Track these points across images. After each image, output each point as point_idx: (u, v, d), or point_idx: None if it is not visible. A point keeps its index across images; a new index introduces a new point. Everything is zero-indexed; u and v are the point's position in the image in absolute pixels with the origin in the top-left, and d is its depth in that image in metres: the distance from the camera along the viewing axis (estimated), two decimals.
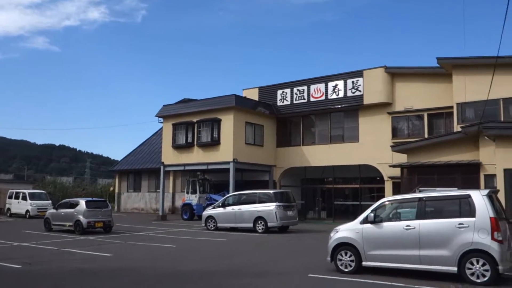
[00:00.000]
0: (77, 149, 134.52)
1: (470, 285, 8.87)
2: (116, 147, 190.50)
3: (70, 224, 20.90)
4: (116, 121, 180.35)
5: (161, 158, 31.87)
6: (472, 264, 9.01)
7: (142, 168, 39.23)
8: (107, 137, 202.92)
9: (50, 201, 33.27)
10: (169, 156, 30.78)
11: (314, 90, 29.40)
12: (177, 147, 30.30)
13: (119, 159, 44.48)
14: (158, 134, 41.38)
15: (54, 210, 22.52)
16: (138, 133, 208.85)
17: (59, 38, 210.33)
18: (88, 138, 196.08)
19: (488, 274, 8.88)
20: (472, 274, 9.01)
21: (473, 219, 9.06)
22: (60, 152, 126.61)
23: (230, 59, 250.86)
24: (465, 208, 9.27)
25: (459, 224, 9.13)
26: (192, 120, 29.74)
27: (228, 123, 28.03)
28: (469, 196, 9.33)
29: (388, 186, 25.84)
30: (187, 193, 30.71)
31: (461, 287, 8.71)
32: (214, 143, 28.33)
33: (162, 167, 31.16)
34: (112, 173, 47.50)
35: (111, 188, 47.03)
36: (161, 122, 32.33)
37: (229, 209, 22.05)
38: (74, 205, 21.31)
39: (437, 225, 9.36)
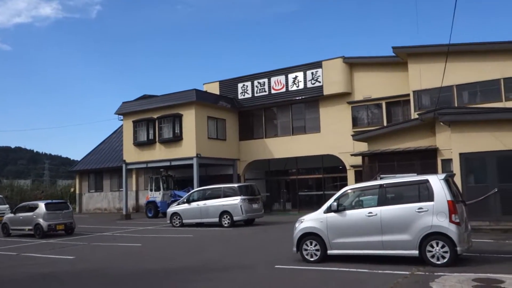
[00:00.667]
0: (34, 151, 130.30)
1: (431, 267, 9.14)
2: (76, 147, 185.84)
3: (30, 228, 20.31)
4: (74, 121, 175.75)
5: (122, 156, 31.33)
6: (432, 246, 9.30)
7: (103, 167, 38.45)
8: (65, 137, 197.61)
9: (7, 205, 32.05)
10: (131, 154, 30.29)
11: (275, 82, 29.55)
12: (138, 144, 29.85)
13: (79, 159, 43.41)
14: (119, 132, 40.62)
15: (12, 215, 21.87)
16: (98, 132, 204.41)
17: (9, 36, 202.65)
18: (45, 139, 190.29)
19: (447, 255, 9.20)
20: (433, 256, 9.30)
21: (431, 203, 9.33)
22: (17, 154, 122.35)
23: (189, 54, 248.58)
24: (424, 193, 9.54)
25: (419, 208, 9.39)
26: (153, 117, 29.34)
27: (189, 118, 27.81)
28: (427, 181, 9.59)
29: (351, 175, 26.35)
30: (151, 190, 30.35)
31: (423, 270, 8.97)
32: (176, 139, 28.09)
33: (124, 165, 30.64)
34: (72, 174, 46.36)
35: (72, 189, 45.91)
36: (121, 120, 31.74)
37: (194, 205, 21.97)
38: (33, 208, 20.70)
39: (398, 210, 9.60)
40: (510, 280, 7.80)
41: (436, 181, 9.48)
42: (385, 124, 25.15)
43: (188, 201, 22.32)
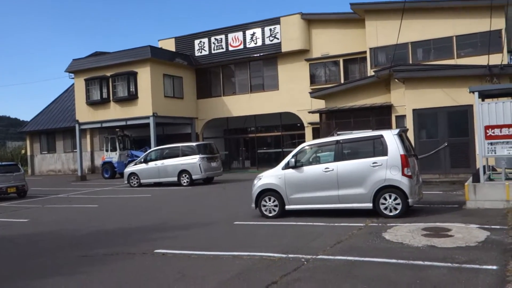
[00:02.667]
0: None
1: (384, 218, 9.56)
2: (25, 107, 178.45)
3: None
4: (21, 79, 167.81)
5: (75, 116, 30.39)
6: (385, 199, 9.70)
7: (55, 127, 37.26)
8: (13, 97, 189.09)
9: None
10: (84, 114, 29.42)
11: (232, 39, 29.07)
12: (91, 103, 28.99)
13: (29, 120, 41.82)
14: (70, 91, 39.22)
15: None
16: (48, 91, 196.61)
17: None
18: None
19: (399, 207, 9.64)
20: (386, 208, 9.73)
21: (385, 157, 9.66)
22: None
23: (143, 9, 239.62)
24: (378, 148, 9.85)
25: (373, 163, 9.71)
26: (106, 75, 28.43)
27: (145, 76, 27.11)
28: (381, 136, 9.89)
29: (308, 132, 26.73)
30: (107, 151, 29.78)
31: (376, 221, 9.36)
32: (132, 97, 27.45)
33: (77, 126, 29.81)
34: (22, 135, 44.70)
35: (23, 151, 44.40)
36: (72, 78, 30.60)
37: (151, 164, 21.87)
38: None
39: (353, 165, 9.90)
40: (456, 228, 8.27)
41: (390, 136, 9.77)
42: (342, 81, 25.43)
43: (146, 161, 22.18)
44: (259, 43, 28.15)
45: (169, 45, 30.74)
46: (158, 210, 13.70)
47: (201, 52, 30.13)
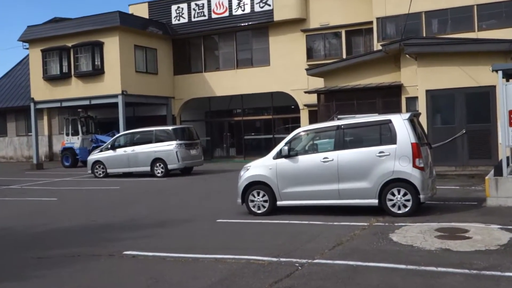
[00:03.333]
0: None
1: (391, 217, 9.58)
2: None
3: None
4: None
5: (30, 94, 30.01)
6: (393, 194, 9.70)
7: (5, 106, 36.80)
8: None
9: None
10: (41, 91, 29.06)
11: (216, 5, 28.81)
12: (49, 79, 28.63)
13: None
14: (24, 63, 38.67)
15: None
16: None
17: None
18: None
19: (409, 204, 9.64)
20: (393, 205, 9.73)
21: (394, 146, 9.64)
22: None
23: None
24: (386, 135, 9.84)
25: (380, 152, 9.70)
26: (67, 45, 28.04)
27: (112, 47, 26.80)
28: (389, 121, 9.85)
29: (304, 115, 26.71)
30: (67, 135, 29.50)
31: (382, 220, 9.38)
32: (97, 72, 27.13)
33: (32, 105, 29.46)
34: None
35: None
36: (27, 48, 30.15)
37: (120, 151, 21.77)
38: None
39: (357, 155, 9.90)
40: (474, 228, 8.33)
41: (400, 122, 9.73)
42: (344, 56, 25.39)
43: (113, 147, 22.05)
44: (248, 10, 27.98)
45: (142, 11, 30.39)
46: (128, 205, 13.64)
47: (179, 20, 29.84)
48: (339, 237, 8.17)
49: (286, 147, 10.41)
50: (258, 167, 10.81)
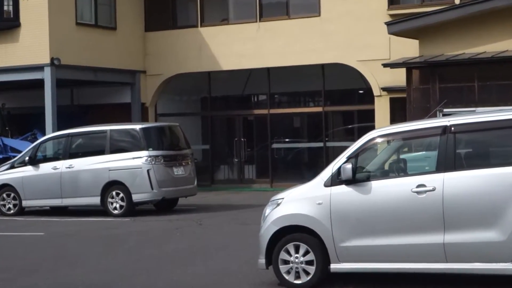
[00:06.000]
0: None
1: None
2: None
3: None
4: None
5: None
6: None
7: None
8: None
9: None
10: None
11: None
12: None
13: None
14: None
15: None
16: None
17: None
18: None
19: None
20: None
21: None
22: None
23: None
24: None
25: None
26: None
27: None
28: None
29: (382, 108, 19.89)
30: None
31: None
32: (9, 25, 19.98)
33: None
34: None
35: None
36: None
37: (47, 168, 15.97)
38: None
39: (479, 181, 7.02)
40: None
41: None
42: (457, 1, 18.82)
43: (34, 160, 16.30)
44: None
45: None
46: (60, 268, 9.51)
47: None
48: None
49: (349, 165, 7.38)
50: (297, 201, 7.79)
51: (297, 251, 7.42)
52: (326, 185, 7.40)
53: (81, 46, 19.81)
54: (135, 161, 14.68)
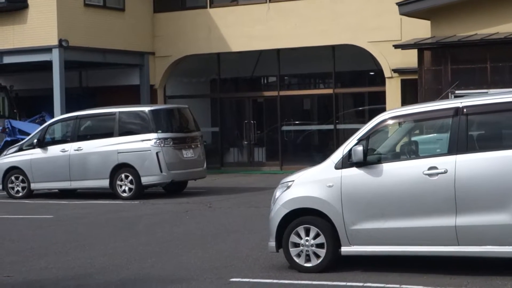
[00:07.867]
0: None
1: None
2: None
3: None
4: None
5: None
6: None
7: None
8: None
9: None
10: None
11: None
12: None
13: None
14: None
15: None
16: None
17: None
18: None
19: None
20: None
21: None
22: None
23: None
24: None
25: None
26: None
27: None
28: None
29: (393, 89, 19.87)
30: None
31: None
32: (15, 6, 19.41)
33: None
34: None
35: None
36: None
37: (55, 151, 15.96)
38: None
39: (492, 163, 6.87)
40: None
41: None
42: None
43: (43, 143, 16.19)
44: None
45: None
46: (70, 250, 9.60)
47: None
48: None
49: (360, 148, 7.18)
50: (308, 184, 7.57)
51: (307, 234, 7.29)
52: (336, 167, 7.27)
53: (90, 28, 19.90)
54: (144, 143, 14.59)
